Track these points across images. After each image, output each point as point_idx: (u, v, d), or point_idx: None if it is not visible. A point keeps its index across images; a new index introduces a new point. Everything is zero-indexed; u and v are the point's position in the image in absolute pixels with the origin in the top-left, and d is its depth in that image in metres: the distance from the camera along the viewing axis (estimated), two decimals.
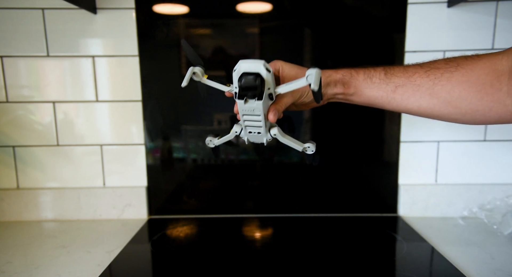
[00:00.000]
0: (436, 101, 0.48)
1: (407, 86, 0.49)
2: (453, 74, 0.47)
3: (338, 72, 0.51)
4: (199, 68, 0.51)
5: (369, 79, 0.50)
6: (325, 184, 0.83)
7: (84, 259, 0.62)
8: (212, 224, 0.79)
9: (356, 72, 0.51)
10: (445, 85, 0.47)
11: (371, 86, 0.50)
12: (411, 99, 0.49)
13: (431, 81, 0.48)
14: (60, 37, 0.77)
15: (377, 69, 0.51)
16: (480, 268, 0.58)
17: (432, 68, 0.48)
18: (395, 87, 0.49)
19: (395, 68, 0.50)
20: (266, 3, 0.76)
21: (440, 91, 0.47)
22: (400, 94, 0.49)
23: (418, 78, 0.48)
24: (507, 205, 0.77)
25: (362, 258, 0.61)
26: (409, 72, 0.49)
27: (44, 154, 0.81)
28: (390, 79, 0.50)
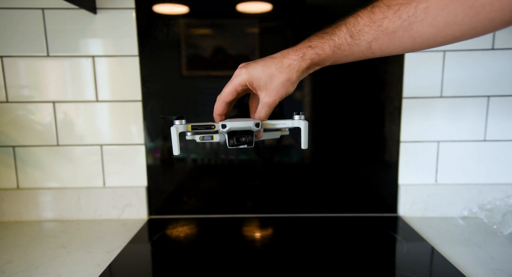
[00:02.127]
0: (420, 40, 0.41)
1: (381, 37, 0.43)
2: (430, 2, 0.39)
3: (305, 59, 0.47)
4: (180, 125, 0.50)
5: (337, 49, 0.46)
6: (325, 184, 0.83)
7: (84, 259, 0.62)
8: (212, 224, 0.79)
9: (322, 48, 0.46)
10: (424, 19, 0.40)
11: (343, 54, 0.46)
12: (391, 47, 0.44)
13: (406, 22, 0.41)
14: (60, 37, 0.77)
15: (340, 33, 0.45)
16: (480, 268, 0.58)
17: (401, 4, 0.41)
18: (368, 44, 0.44)
19: (360, 21, 0.44)
20: (266, 3, 0.76)
21: (420, 29, 0.40)
22: (376, 47, 0.44)
23: (389, 24, 0.42)
24: (507, 205, 0.77)
25: (362, 258, 0.61)
26: (377, 21, 0.42)
27: (44, 154, 0.81)
28: (359, 38, 0.44)
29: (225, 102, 0.51)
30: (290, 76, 0.47)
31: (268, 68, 0.48)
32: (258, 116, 0.50)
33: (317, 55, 0.47)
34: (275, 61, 0.48)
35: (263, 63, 0.48)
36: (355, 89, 0.80)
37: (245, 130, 0.49)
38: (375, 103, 0.80)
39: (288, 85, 0.48)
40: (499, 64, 0.77)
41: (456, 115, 0.80)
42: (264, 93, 0.49)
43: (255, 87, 0.49)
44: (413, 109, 0.80)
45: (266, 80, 0.48)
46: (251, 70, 0.48)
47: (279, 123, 0.51)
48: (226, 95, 0.51)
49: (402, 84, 0.79)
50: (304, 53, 0.47)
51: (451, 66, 0.78)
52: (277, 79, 0.47)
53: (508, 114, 0.79)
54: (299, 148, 0.81)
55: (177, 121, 0.50)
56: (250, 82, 0.49)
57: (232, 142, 0.49)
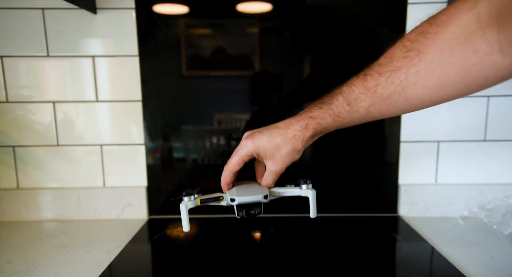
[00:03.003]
0: (416, 102, 0.41)
1: (377, 103, 0.43)
2: (419, 66, 0.39)
3: (308, 129, 0.48)
4: (189, 202, 0.51)
5: (337, 117, 0.47)
6: (325, 184, 0.83)
7: (84, 259, 0.62)
8: (212, 224, 0.79)
9: (323, 118, 0.47)
10: (416, 83, 0.40)
11: (344, 121, 0.47)
12: (390, 111, 0.44)
13: (399, 86, 0.41)
14: (60, 37, 0.77)
15: (338, 102, 0.46)
16: (480, 268, 0.58)
17: (392, 71, 0.41)
18: (366, 110, 0.45)
19: (354, 90, 0.45)
20: (266, 3, 0.76)
21: (415, 92, 0.40)
22: (375, 112, 0.45)
23: (383, 90, 0.42)
24: (507, 205, 0.77)
25: (362, 258, 0.61)
26: (371, 88, 0.43)
27: (44, 154, 0.81)
28: (357, 105, 0.45)
29: (232, 172, 0.53)
30: (296, 146, 0.49)
31: (274, 139, 0.49)
32: (265, 182, 0.53)
33: (319, 125, 0.48)
34: (279, 131, 0.49)
35: (268, 134, 0.49)
36: None
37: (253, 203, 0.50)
38: None
39: (294, 154, 0.50)
40: None
41: (456, 115, 0.80)
42: (271, 162, 0.51)
43: (261, 156, 0.51)
44: None
45: (273, 151, 0.49)
46: (257, 141, 0.50)
47: (286, 191, 0.54)
48: (233, 165, 0.52)
49: None
50: (307, 123, 0.48)
51: None
52: (283, 149, 0.49)
53: (508, 114, 0.79)
54: None
55: (186, 198, 0.50)
56: (256, 153, 0.50)
57: (241, 214, 0.50)
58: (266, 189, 0.51)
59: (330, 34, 0.78)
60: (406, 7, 0.76)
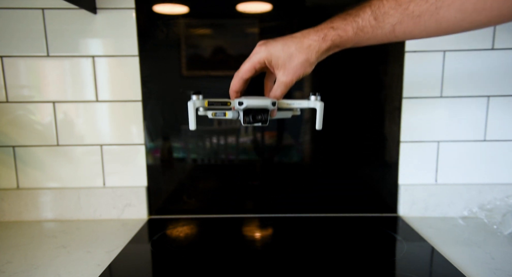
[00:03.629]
0: (446, 25, 0.40)
1: (406, 21, 0.42)
2: None
3: (326, 40, 0.46)
4: (197, 100, 0.50)
5: (359, 31, 0.45)
6: (325, 184, 0.83)
7: (84, 259, 0.62)
8: (212, 224, 0.79)
9: (344, 30, 0.45)
10: (452, 4, 0.38)
11: (365, 36, 0.45)
12: (415, 31, 0.42)
13: (433, 6, 0.39)
14: (60, 37, 0.77)
15: (364, 15, 0.44)
16: (480, 268, 0.58)
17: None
18: (392, 27, 0.43)
19: (385, 4, 0.43)
20: (266, 3, 0.76)
21: (447, 14, 0.39)
22: (400, 31, 0.43)
23: (415, 7, 0.41)
24: (507, 205, 0.77)
25: (362, 258, 0.61)
26: (403, 4, 0.41)
27: (44, 154, 0.81)
28: (383, 20, 0.43)
29: (242, 79, 0.51)
30: (309, 56, 0.47)
31: (288, 48, 0.47)
32: (273, 94, 0.50)
33: (338, 37, 0.46)
34: (295, 40, 0.47)
35: (283, 42, 0.48)
36: (355, 89, 0.80)
37: (261, 108, 0.49)
38: (375, 103, 0.80)
39: (306, 66, 0.48)
40: (499, 64, 0.77)
41: (456, 115, 0.80)
42: (282, 72, 0.48)
43: (273, 65, 0.49)
44: (413, 109, 0.80)
45: (285, 59, 0.47)
46: (271, 48, 0.48)
47: (294, 103, 0.51)
48: (244, 72, 0.50)
49: (402, 84, 0.79)
50: (326, 34, 0.46)
51: (451, 66, 0.78)
52: (296, 59, 0.47)
53: (508, 114, 0.79)
54: (299, 148, 0.81)
55: (194, 96, 0.49)
56: (269, 60, 0.48)
57: (248, 119, 0.49)
58: (274, 99, 0.50)
59: None
60: None
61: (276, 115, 0.53)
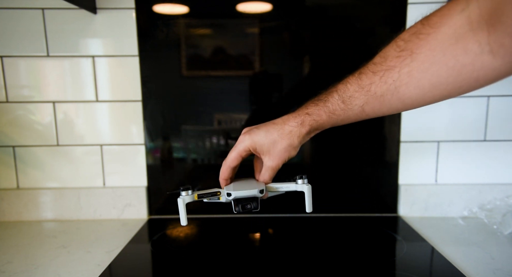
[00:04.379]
0: (409, 101, 0.42)
1: (371, 101, 0.44)
2: (411, 66, 0.40)
3: (304, 125, 0.49)
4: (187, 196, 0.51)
5: (332, 115, 0.48)
6: (325, 184, 0.83)
7: (84, 259, 0.62)
8: (212, 224, 0.79)
9: (318, 115, 0.48)
10: (409, 82, 0.40)
11: (339, 118, 0.48)
12: (383, 109, 0.45)
13: (392, 85, 0.42)
14: (60, 37, 0.77)
15: (333, 100, 0.47)
16: (480, 268, 0.58)
17: (385, 70, 0.42)
18: (360, 108, 0.45)
19: (349, 88, 0.45)
20: (266, 3, 0.76)
21: (407, 92, 0.41)
22: (369, 110, 0.46)
23: (376, 88, 0.43)
24: (507, 205, 0.77)
25: (362, 258, 0.61)
26: (365, 87, 0.44)
27: (44, 154, 0.82)
28: (351, 103, 0.46)
29: (230, 167, 0.53)
30: (292, 141, 0.49)
31: (271, 134, 0.50)
32: (262, 178, 0.53)
33: (315, 122, 0.49)
34: (276, 127, 0.50)
35: (265, 129, 0.50)
36: None
37: (250, 197, 0.51)
38: None
39: (290, 150, 0.50)
40: None
41: (456, 115, 0.80)
42: (268, 158, 0.51)
43: (258, 152, 0.51)
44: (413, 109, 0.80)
45: (269, 146, 0.50)
46: (254, 137, 0.50)
47: (282, 186, 0.54)
48: (231, 161, 0.53)
49: None
50: (303, 120, 0.49)
51: None
52: (280, 144, 0.50)
53: (508, 114, 0.79)
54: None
55: (183, 192, 0.50)
56: (253, 148, 0.51)
57: (237, 209, 0.51)
58: (262, 184, 0.52)
59: (329, 34, 0.78)
60: (406, 7, 0.76)
61: (268, 194, 0.55)
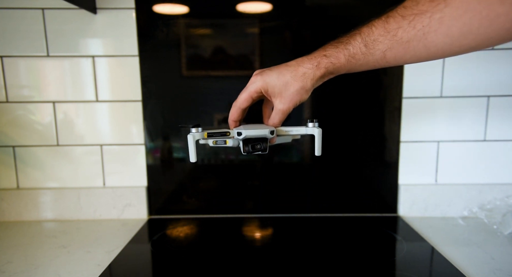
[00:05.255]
0: (435, 49, 0.41)
1: (395, 47, 0.43)
2: (444, 12, 0.38)
3: (320, 67, 0.47)
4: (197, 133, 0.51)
5: (351, 58, 0.46)
6: (325, 184, 0.83)
7: (84, 259, 0.62)
8: (212, 224, 0.79)
9: (337, 57, 0.47)
10: (438, 29, 0.39)
11: (358, 63, 0.46)
12: (406, 57, 0.43)
13: (420, 31, 0.40)
14: (60, 37, 0.77)
15: (355, 42, 0.46)
16: (480, 268, 0.58)
17: (416, 15, 0.40)
18: (382, 53, 0.44)
19: (374, 31, 0.44)
20: (266, 3, 0.76)
21: (435, 39, 0.40)
22: (391, 57, 0.44)
23: (403, 33, 0.41)
24: (507, 205, 0.77)
25: (362, 258, 0.61)
26: (391, 31, 0.42)
27: (44, 154, 0.81)
28: (374, 47, 0.44)
29: (240, 109, 0.52)
30: (305, 84, 0.48)
31: (283, 76, 0.48)
32: (272, 122, 0.51)
33: (331, 64, 0.47)
34: (289, 69, 0.49)
35: (278, 71, 0.49)
36: (355, 89, 0.80)
37: (260, 137, 0.50)
38: (375, 103, 0.80)
39: (302, 93, 0.49)
40: (499, 64, 0.77)
41: (456, 115, 0.80)
42: (279, 100, 0.50)
43: (270, 94, 0.50)
44: (413, 109, 0.80)
45: (281, 88, 0.49)
46: (266, 78, 0.49)
47: (292, 130, 0.53)
48: (241, 102, 0.51)
49: (402, 84, 0.79)
50: (319, 61, 0.48)
51: (451, 66, 0.78)
52: (292, 87, 0.48)
53: (508, 114, 0.79)
54: (299, 148, 0.81)
55: (193, 129, 0.50)
56: (265, 89, 0.50)
57: (247, 149, 0.50)
58: (272, 127, 0.51)
59: (330, 34, 0.77)
60: None
61: (276, 141, 0.53)
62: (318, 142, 0.52)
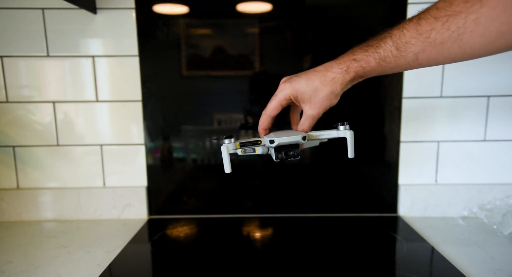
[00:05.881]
0: (470, 50, 0.40)
1: (428, 49, 0.42)
2: (480, 12, 0.37)
3: (349, 72, 0.47)
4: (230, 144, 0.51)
5: (382, 61, 0.45)
6: (325, 184, 0.83)
7: (84, 259, 0.62)
8: (212, 224, 0.79)
9: (367, 61, 0.46)
10: (474, 30, 0.38)
11: (389, 66, 0.46)
12: (439, 58, 0.42)
13: (455, 33, 0.39)
14: (60, 37, 0.77)
15: (386, 46, 0.45)
16: (480, 268, 0.58)
17: (449, 16, 0.39)
18: (415, 55, 0.43)
19: (406, 34, 0.43)
20: (266, 3, 0.76)
21: (471, 40, 0.39)
22: (424, 59, 0.43)
23: (437, 35, 0.40)
24: (507, 205, 0.77)
25: (362, 258, 0.61)
26: (424, 33, 0.41)
27: (44, 154, 0.81)
28: (406, 50, 0.43)
29: (270, 117, 0.52)
30: (334, 88, 0.48)
31: (312, 82, 0.49)
32: (301, 128, 0.52)
33: (361, 68, 0.47)
34: (318, 74, 0.49)
35: (306, 77, 0.49)
36: (355, 89, 0.80)
37: (292, 144, 0.50)
38: (375, 103, 0.80)
39: (332, 98, 0.49)
40: (499, 64, 0.77)
41: (456, 115, 0.80)
42: (309, 106, 0.50)
43: (299, 100, 0.50)
44: (413, 109, 0.80)
45: (311, 94, 0.49)
46: (295, 84, 0.49)
47: (323, 134, 0.53)
48: (272, 110, 0.52)
49: (402, 84, 0.79)
50: (348, 66, 0.47)
51: (451, 66, 0.78)
52: (321, 92, 0.48)
53: (508, 114, 0.79)
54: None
55: (226, 140, 0.51)
56: (294, 96, 0.50)
57: (280, 156, 0.51)
58: (304, 133, 0.51)
59: (330, 34, 0.78)
60: (406, 7, 0.76)
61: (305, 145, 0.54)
62: (350, 145, 0.53)
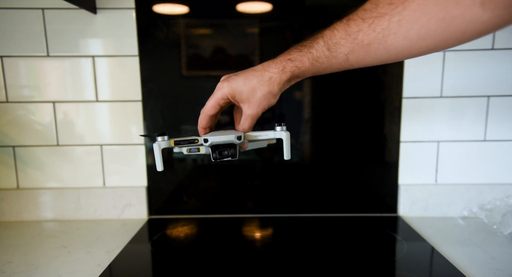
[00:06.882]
0: (395, 52, 0.42)
1: (357, 50, 0.43)
2: (402, 15, 0.39)
3: (285, 71, 0.47)
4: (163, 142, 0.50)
5: (315, 62, 0.46)
6: (325, 184, 0.83)
7: (84, 259, 0.62)
8: (212, 224, 0.79)
9: (301, 61, 0.47)
10: (397, 32, 0.40)
11: (322, 66, 0.47)
12: (367, 59, 0.44)
13: (380, 34, 0.41)
14: (60, 37, 0.77)
15: (318, 46, 0.46)
16: (480, 268, 0.58)
17: (375, 17, 0.41)
18: (345, 56, 0.44)
19: (336, 34, 0.44)
20: (266, 3, 0.76)
21: (394, 42, 0.41)
22: (353, 59, 0.44)
23: (364, 36, 0.42)
24: (507, 205, 0.77)
25: (362, 258, 0.61)
26: (352, 34, 0.43)
27: (44, 154, 0.81)
28: (336, 50, 0.44)
29: (208, 116, 0.52)
30: (272, 88, 0.48)
31: (250, 81, 0.48)
32: (242, 127, 0.51)
33: (296, 68, 0.47)
34: (256, 74, 0.49)
35: (244, 76, 0.49)
36: (355, 89, 0.80)
37: (227, 143, 0.50)
38: (375, 103, 0.80)
39: (270, 97, 0.49)
40: (499, 64, 0.77)
41: (456, 115, 0.80)
42: (247, 106, 0.49)
43: (237, 100, 0.50)
44: (413, 109, 0.80)
45: (248, 93, 0.48)
46: (233, 84, 0.49)
47: (261, 134, 0.52)
48: (209, 109, 0.51)
49: (402, 84, 0.79)
50: (284, 66, 0.48)
51: (451, 66, 0.78)
52: (259, 92, 0.48)
53: (508, 114, 0.79)
54: (299, 148, 0.81)
55: (159, 137, 0.50)
56: (232, 95, 0.49)
57: (214, 155, 0.50)
58: (240, 132, 0.51)
59: None
60: None
61: (249, 146, 0.53)
62: (286, 146, 0.52)
